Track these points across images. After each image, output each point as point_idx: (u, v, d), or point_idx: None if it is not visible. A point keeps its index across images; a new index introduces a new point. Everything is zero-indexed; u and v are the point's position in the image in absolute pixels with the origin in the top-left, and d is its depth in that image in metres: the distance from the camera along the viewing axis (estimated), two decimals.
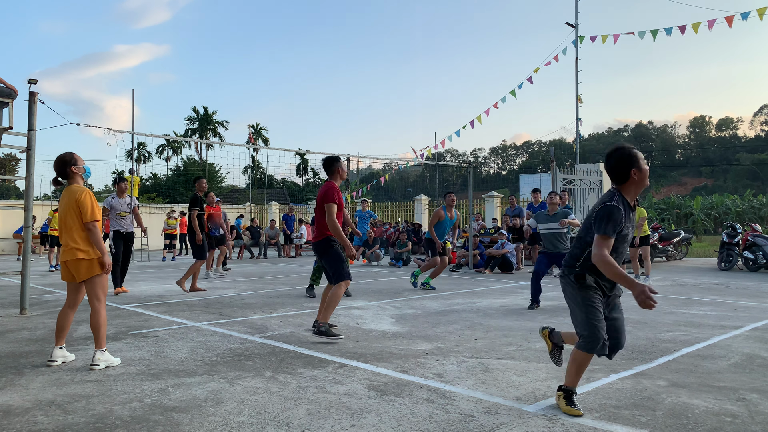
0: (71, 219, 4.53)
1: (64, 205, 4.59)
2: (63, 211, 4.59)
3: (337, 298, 5.53)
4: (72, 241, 4.51)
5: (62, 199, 4.64)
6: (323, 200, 5.65)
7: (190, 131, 59.60)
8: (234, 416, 3.34)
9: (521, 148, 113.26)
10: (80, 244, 4.51)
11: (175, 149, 61.40)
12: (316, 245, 5.80)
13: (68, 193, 4.61)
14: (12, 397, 3.73)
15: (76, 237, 4.52)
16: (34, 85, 7.28)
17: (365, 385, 3.97)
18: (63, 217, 4.58)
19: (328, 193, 5.65)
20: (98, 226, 4.60)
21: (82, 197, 4.56)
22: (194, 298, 8.64)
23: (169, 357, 4.81)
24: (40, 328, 6.15)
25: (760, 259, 12.83)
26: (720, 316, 6.84)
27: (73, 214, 4.54)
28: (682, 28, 16.18)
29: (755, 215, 35.69)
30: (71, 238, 4.52)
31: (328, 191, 5.67)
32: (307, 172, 66.11)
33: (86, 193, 4.60)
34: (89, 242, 4.56)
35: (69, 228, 4.54)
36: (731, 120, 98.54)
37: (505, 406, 3.52)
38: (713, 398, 3.65)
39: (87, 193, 4.61)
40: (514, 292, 9.25)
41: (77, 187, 4.64)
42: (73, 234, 4.52)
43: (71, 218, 4.53)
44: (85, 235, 4.56)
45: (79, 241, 4.52)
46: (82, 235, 4.54)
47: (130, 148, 21.84)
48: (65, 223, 4.56)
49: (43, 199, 28.52)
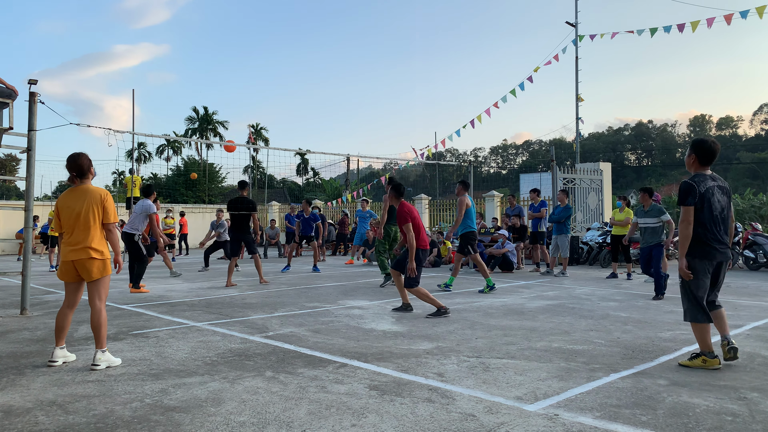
0: (91, 218, 4.51)
1: (80, 204, 4.52)
2: (81, 210, 4.51)
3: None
4: (87, 241, 4.48)
5: (75, 198, 4.56)
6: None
7: (191, 131, 59.59)
8: (235, 416, 3.34)
9: (521, 148, 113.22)
10: (96, 243, 4.51)
11: (176, 149, 61.40)
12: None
13: (86, 193, 4.57)
14: (13, 397, 3.74)
15: (94, 236, 4.51)
16: (34, 85, 7.29)
17: (366, 384, 3.98)
18: (81, 216, 4.51)
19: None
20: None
21: (109, 198, 4.61)
22: (195, 298, 8.65)
23: (170, 357, 4.82)
24: (40, 328, 6.16)
25: (760, 257, 12.84)
26: None
27: (94, 213, 4.53)
28: (681, 26, 16.17)
29: (755, 214, 35.62)
30: (86, 237, 4.48)
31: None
32: (307, 171, 66.08)
33: (110, 194, 4.66)
34: (104, 243, 4.57)
35: (86, 227, 4.50)
36: (731, 119, 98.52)
37: (505, 405, 3.52)
38: (714, 397, 3.66)
39: (110, 194, 4.66)
40: (514, 292, 9.25)
41: (98, 188, 4.65)
42: (90, 233, 4.50)
43: (93, 217, 4.52)
44: (101, 235, 4.57)
45: (96, 240, 4.51)
46: (99, 235, 4.55)
47: (131, 148, 21.79)
48: (82, 223, 4.50)
49: (44, 199, 28.55)
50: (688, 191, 4.36)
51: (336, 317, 6.78)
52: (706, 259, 4.36)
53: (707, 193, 4.35)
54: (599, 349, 5.03)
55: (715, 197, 4.38)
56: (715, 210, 4.36)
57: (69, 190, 4.69)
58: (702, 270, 4.37)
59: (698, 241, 4.36)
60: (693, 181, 4.39)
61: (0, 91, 6.92)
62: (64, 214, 4.59)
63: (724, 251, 4.40)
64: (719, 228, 4.37)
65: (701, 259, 4.36)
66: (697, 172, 4.50)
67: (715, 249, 4.36)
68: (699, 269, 4.36)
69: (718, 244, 4.37)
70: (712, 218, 4.35)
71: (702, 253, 4.35)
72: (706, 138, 4.56)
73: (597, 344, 5.24)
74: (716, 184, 4.43)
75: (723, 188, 4.47)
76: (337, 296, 8.71)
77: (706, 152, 4.47)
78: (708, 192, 4.35)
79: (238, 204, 10.48)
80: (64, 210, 4.58)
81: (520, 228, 14.15)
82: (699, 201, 4.34)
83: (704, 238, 4.35)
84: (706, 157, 4.47)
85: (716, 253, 4.37)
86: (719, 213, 4.38)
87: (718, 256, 4.38)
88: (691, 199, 4.34)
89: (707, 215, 4.34)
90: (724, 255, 4.41)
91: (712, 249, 4.36)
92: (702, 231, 4.34)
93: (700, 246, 4.36)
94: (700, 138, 4.64)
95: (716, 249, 4.36)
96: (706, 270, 4.38)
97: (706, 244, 4.35)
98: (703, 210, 4.34)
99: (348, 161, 19.75)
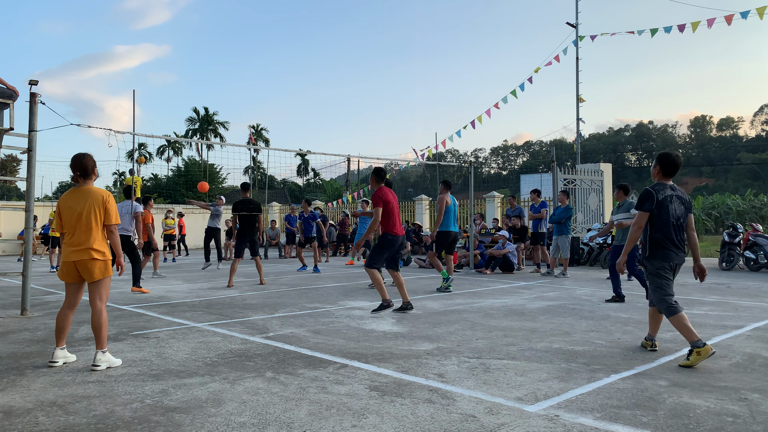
0: (93, 219, 4.51)
1: (82, 204, 4.52)
2: (82, 211, 4.51)
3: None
4: (89, 242, 4.48)
5: (77, 199, 4.56)
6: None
7: (191, 132, 59.65)
8: (235, 417, 3.34)
9: (522, 148, 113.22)
10: (97, 245, 4.51)
11: (176, 150, 61.46)
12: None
13: (88, 194, 4.57)
14: (13, 397, 3.74)
15: (95, 237, 4.51)
16: (34, 86, 7.28)
17: (366, 385, 3.97)
18: (82, 217, 4.50)
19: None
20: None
21: (111, 200, 4.61)
22: (195, 299, 8.65)
23: (171, 358, 4.82)
24: (41, 328, 6.16)
25: (761, 258, 12.82)
26: (721, 315, 6.84)
27: (96, 214, 4.53)
28: (682, 27, 16.18)
29: (756, 215, 35.68)
30: (89, 238, 4.48)
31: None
32: (307, 172, 66.12)
33: (111, 195, 4.66)
34: (106, 244, 4.58)
35: (88, 228, 4.49)
36: (732, 119, 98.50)
37: (506, 406, 3.52)
38: (714, 398, 3.65)
39: (112, 195, 4.67)
40: (515, 293, 9.25)
41: (100, 189, 4.65)
42: (91, 234, 4.49)
43: (94, 218, 4.52)
44: (103, 236, 4.57)
45: (98, 241, 4.51)
46: (101, 236, 4.55)
47: (131, 148, 21.80)
48: (84, 223, 4.50)
49: (44, 200, 28.55)
50: (646, 198, 4.72)
51: (336, 318, 6.78)
52: (665, 261, 4.71)
53: (665, 201, 4.69)
54: (600, 350, 5.02)
55: (673, 205, 4.72)
56: (672, 217, 4.71)
57: (71, 190, 4.68)
58: (663, 268, 4.71)
59: (656, 245, 4.73)
60: (653, 189, 4.74)
61: (1, 91, 6.92)
62: (65, 214, 4.58)
63: (679, 255, 4.77)
64: (676, 234, 4.71)
65: (661, 261, 4.71)
66: (658, 182, 4.85)
67: (673, 252, 4.71)
68: (660, 269, 4.71)
69: (674, 248, 4.72)
70: (669, 224, 4.69)
71: (661, 255, 4.71)
72: (671, 152, 4.93)
73: (597, 345, 5.24)
74: (675, 193, 4.77)
75: (682, 198, 4.80)
76: (338, 297, 8.71)
77: (669, 165, 4.83)
78: (666, 200, 4.69)
79: (247, 205, 10.67)
80: (66, 210, 4.57)
81: (520, 229, 14.14)
82: (656, 207, 4.69)
83: (662, 243, 4.71)
84: (670, 168, 4.83)
85: (673, 255, 4.71)
86: (676, 220, 4.72)
87: (675, 259, 4.72)
88: (648, 205, 4.70)
89: (664, 221, 4.69)
90: (680, 258, 4.77)
91: (669, 252, 4.71)
92: (660, 236, 4.70)
93: (659, 249, 4.72)
94: (665, 151, 4.97)
95: (673, 252, 4.71)
96: (666, 267, 4.72)
97: (664, 247, 4.71)
98: (661, 216, 4.69)
99: (348, 162, 19.76)
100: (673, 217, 4.70)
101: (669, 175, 4.85)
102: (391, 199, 7.19)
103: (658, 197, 4.69)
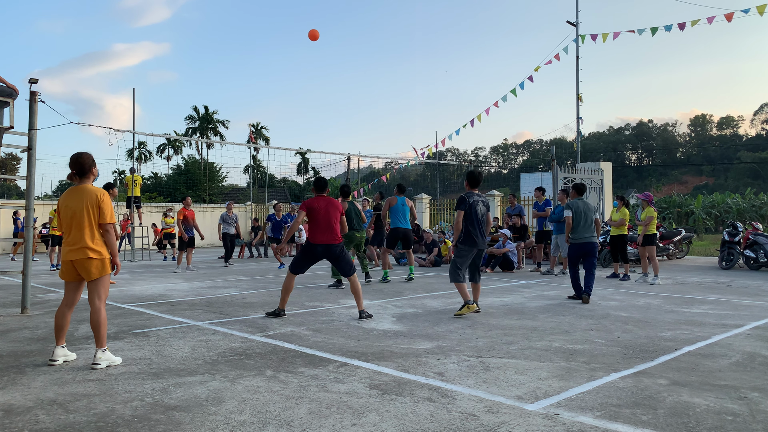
0: (87, 218, 4.51)
1: (77, 203, 4.52)
2: (77, 210, 4.51)
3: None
4: (83, 240, 4.48)
5: (73, 198, 4.56)
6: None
7: (191, 130, 59.61)
8: (235, 415, 3.34)
9: (522, 147, 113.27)
10: (93, 243, 4.50)
11: (176, 148, 61.44)
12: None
13: (83, 193, 4.56)
14: (14, 396, 3.74)
15: (90, 236, 4.50)
16: (34, 84, 7.28)
17: (366, 384, 3.98)
18: (77, 216, 4.51)
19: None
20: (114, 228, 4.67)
21: (105, 199, 4.59)
22: (195, 297, 8.65)
23: (171, 356, 4.82)
24: (41, 327, 6.16)
25: (761, 257, 12.82)
26: (721, 314, 6.84)
27: (90, 213, 4.52)
28: (682, 25, 16.16)
29: (756, 214, 35.67)
30: (83, 237, 4.48)
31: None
32: (308, 171, 66.11)
33: (106, 194, 4.63)
34: (102, 242, 4.57)
35: (82, 227, 4.49)
36: (732, 118, 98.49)
37: (506, 404, 3.52)
38: (714, 397, 3.65)
39: (107, 194, 4.64)
40: (515, 291, 9.25)
41: (95, 188, 4.64)
42: (86, 233, 4.49)
43: (87, 217, 4.51)
44: (99, 235, 4.56)
45: (93, 240, 4.51)
46: (96, 235, 4.54)
47: (131, 147, 21.79)
48: (79, 222, 4.50)
49: (44, 198, 28.55)
50: (462, 201, 6.84)
51: (336, 316, 6.78)
52: (472, 246, 6.82)
53: (474, 204, 6.84)
54: (600, 349, 5.03)
55: (478, 206, 6.87)
56: (477, 215, 6.83)
57: (69, 189, 4.68)
58: (467, 251, 6.83)
59: (467, 235, 6.80)
60: (465, 195, 6.88)
61: (0, 90, 6.92)
62: (63, 213, 4.60)
63: (482, 242, 6.87)
64: (480, 227, 6.86)
65: (469, 246, 6.81)
66: (468, 191, 6.97)
67: (477, 240, 6.82)
68: (465, 251, 6.82)
69: (478, 237, 6.83)
70: (475, 220, 6.81)
71: (469, 241, 6.81)
72: (474, 170, 7.21)
73: (597, 344, 5.24)
74: (480, 198, 6.96)
75: (484, 202, 7.00)
76: (338, 295, 8.71)
77: (473, 180, 6.99)
78: (474, 203, 6.85)
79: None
80: (63, 210, 4.59)
81: (520, 227, 14.14)
82: (468, 208, 6.78)
83: (471, 233, 6.80)
84: (473, 182, 6.99)
85: (478, 241, 6.82)
86: (479, 217, 6.86)
87: (479, 244, 6.84)
88: (463, 206, 6.80)
89: (473, 218, 6.79)
90: (483, 244, 6.88)
91: (475, 239, 6.81)
92: (471, 228, 6.80)
93: (469, 237, 6.80)
94: (470, 170, 7.25)
95: (477, 240, 6.82)
96: (470, 252, 6.84)
97: (471, 236, 6.80)
98: (471, 215, 6.79)
99: (348, 161, 19.71)
100: (478, 215, 6.83)
101: (474, 186, 6.99)
102: (320, 207, 6.75)
103: (469, 201, 6.79)
